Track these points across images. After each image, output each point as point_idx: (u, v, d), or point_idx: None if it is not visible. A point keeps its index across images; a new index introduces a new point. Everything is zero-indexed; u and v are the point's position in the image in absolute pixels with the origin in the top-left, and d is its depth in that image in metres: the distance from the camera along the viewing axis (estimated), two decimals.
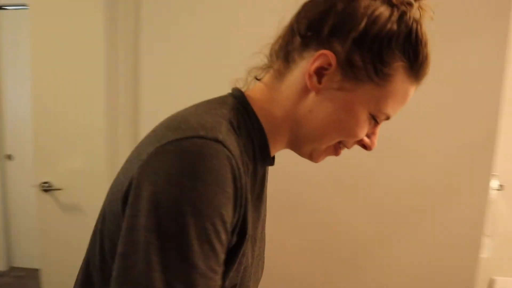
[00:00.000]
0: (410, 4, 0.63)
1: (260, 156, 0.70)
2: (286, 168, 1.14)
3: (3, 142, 3.35)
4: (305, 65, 0.65)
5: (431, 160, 1.16)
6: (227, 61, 1.28)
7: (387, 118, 0.67)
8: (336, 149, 0.72)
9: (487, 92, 1.09)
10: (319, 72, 0.65)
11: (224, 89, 0.73)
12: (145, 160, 0.57)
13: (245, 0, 1.44)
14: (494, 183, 1.18)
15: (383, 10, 0.62)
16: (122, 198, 0.60)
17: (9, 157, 3.35)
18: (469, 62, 1.10)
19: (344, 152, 0.72)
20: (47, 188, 1.87)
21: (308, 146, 0.71)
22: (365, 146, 0.72)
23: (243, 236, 0.63)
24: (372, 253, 1.22)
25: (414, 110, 1.10)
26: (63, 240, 1.86)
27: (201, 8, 1.52)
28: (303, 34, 0.66)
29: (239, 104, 0.68)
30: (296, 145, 0.71)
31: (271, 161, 0.74)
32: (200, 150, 0.56)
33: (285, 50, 0.68)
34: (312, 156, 0.72)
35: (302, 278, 1.33)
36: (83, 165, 1.83)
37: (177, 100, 0.96)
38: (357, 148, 0.71)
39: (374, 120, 0.67)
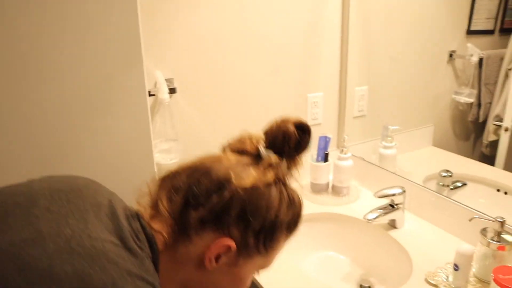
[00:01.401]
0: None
1: None
2: None
3: None
4: (202, 244, 0.68)
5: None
6: None
7: None
8: None
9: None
10: (218, 256, 0.68)
11: None
12: None
13: None
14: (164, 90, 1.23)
15: (276, 197, 0.70)
16: None
17: None
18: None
19: None
20: None
21: None
22: None
23: None
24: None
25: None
26: None
27: None
28: (203, 217, 0.67)
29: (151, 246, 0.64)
30: None
31: None
32: None
33: (180, 217, 0.68)
34: None
35: None
36: None
37: None
38: None
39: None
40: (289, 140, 0.74)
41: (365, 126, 1.75)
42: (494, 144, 1.31)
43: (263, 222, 0.69)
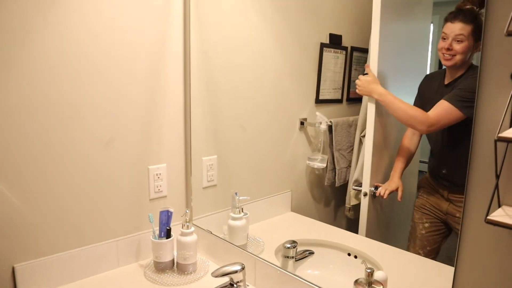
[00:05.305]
0: None
1: None
2: None
3: None
4: None
5: None
6: None
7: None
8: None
9: None
10: None
11: None
12: None
13: None
14: None
15: None
16: None
17: None
18: None
19: None
20: None
21: None
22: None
23: None
24: None
25: None
26: None
27: None
28: None
29: None
30: None
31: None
32: None
33: None
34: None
35: None
36: None
37: None
38: None
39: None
40: None
41: (217, 196, 1.63)
42: (356, 208, 1.29)
43: None
